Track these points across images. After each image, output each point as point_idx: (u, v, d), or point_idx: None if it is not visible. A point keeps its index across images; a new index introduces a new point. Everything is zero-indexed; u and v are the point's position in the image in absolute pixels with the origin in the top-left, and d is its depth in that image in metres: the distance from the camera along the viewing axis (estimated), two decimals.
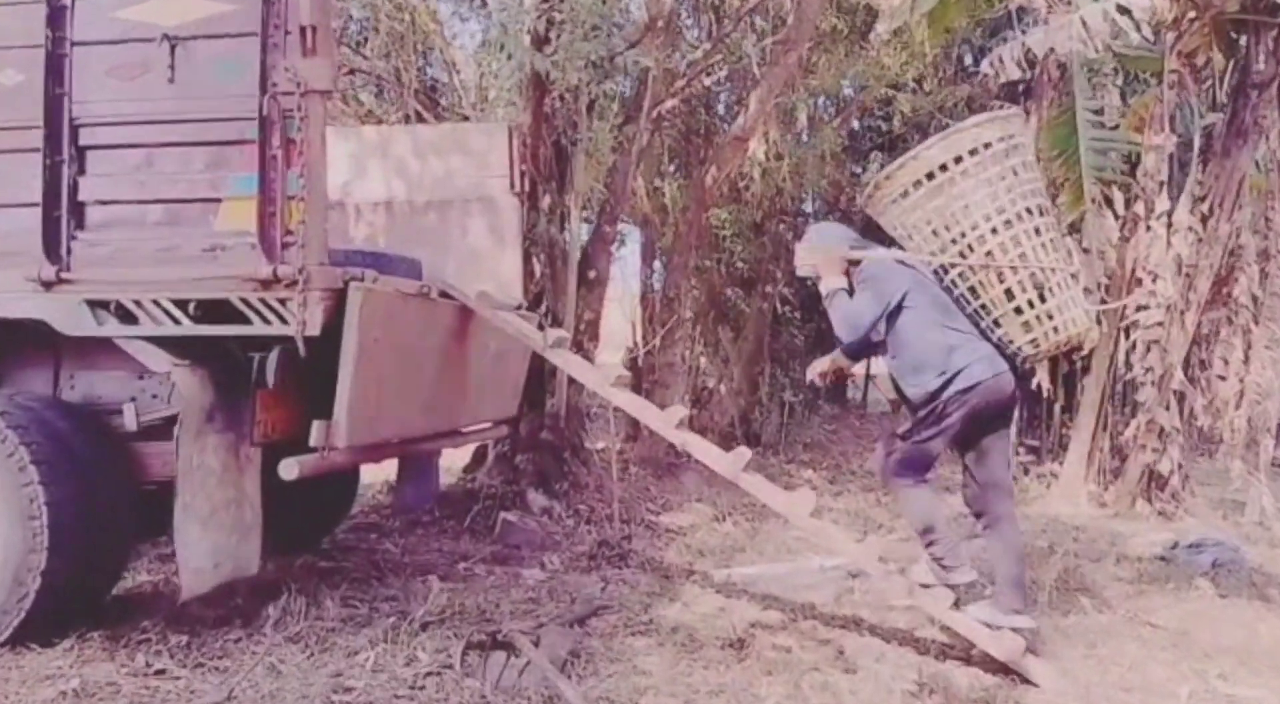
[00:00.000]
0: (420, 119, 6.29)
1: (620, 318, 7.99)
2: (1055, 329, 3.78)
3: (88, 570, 3.35)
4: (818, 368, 4.31)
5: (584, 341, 6.08)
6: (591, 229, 6.22)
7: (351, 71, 6.21)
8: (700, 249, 7.47)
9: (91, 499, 3.35)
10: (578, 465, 6.22)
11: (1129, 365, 7.54)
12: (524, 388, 5.23)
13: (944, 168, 3.78)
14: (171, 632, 3.51)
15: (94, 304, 3.26)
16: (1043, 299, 3.75)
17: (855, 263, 3.98)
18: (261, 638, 3.54)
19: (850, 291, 3.95)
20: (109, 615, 3.58)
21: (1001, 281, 3.75)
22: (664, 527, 6.21)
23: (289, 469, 3.18)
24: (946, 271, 3.87)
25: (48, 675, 3.10)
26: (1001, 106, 8.81)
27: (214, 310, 3.23)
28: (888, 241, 4.10)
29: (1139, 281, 7.35)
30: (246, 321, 3.19)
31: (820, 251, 4.02)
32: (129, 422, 3.58)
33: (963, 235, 3.78)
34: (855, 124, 9.34)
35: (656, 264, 7.84)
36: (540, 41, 5.00)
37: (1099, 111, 7.60)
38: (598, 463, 6.54)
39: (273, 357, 3.24)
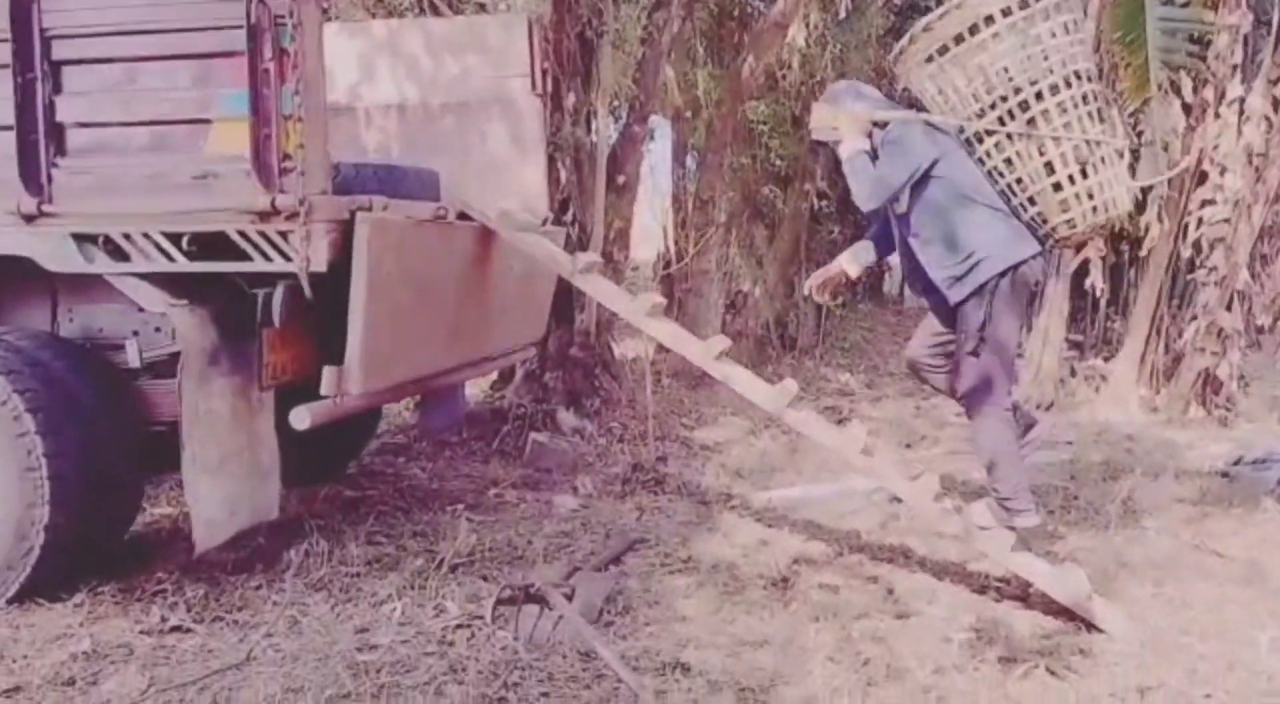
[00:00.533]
0: (434, 10, 5.84)
1: (650, 215, 7.64)
2: (1094, 210, 3.49)
3: (95, 521, 3.16)
4: (817, 278, 4.03)
5: (614, 252, 5.76)
6: (620, 129, 5.81)
7: None
8: (735, 146, 7.03)
9: (95, 445, 3.13)
10: (609, 381, 5.98)
11: (1192, 265, 7.16)
12: (552, 304, 4.95)
13: (990, 20, 3.41)
14: (188, 581, 3.35)
15: (81, 238, 2.98)
16: (1085, 175, 3.45)
17: (880, 125, 3.62)
18: (283, 586, 3.36)
19: (874, 157, 3.61)
20: (122, 564, 3.41)
21: (1042, 154, 3.45)
22: (699, 443, 6.00)
23: (300, 418, 2.94)
24: (981, 140, 3.54)
25: (57, 636, 2.94)
26: None
27: (211, 245, 2.94)
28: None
29: (1205, 175, 6.91)
30: (246, 257, 2.90)
31: (842, 111, 3.66)
32: (132, 358, 3.35)
33: (1003, 100, 3.45)
34: (901, 4, 8.68)
35: (689, 161, 7.41)
36: None
37: None
38: (630, 377, 6.30)
39: (278, 293, 2.96)
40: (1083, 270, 7.76)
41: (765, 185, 7.82)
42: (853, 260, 3.99)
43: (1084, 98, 3.48)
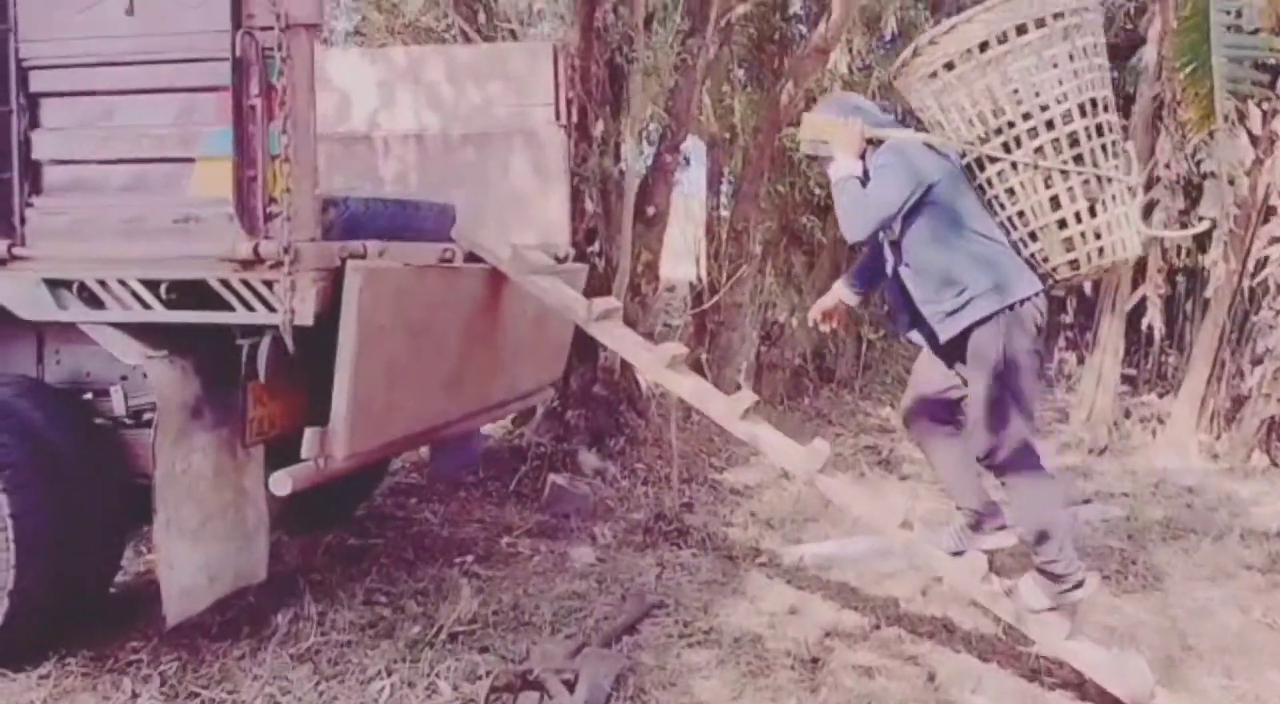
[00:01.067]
0: (463, 35, 5.64)
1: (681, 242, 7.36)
2: (1101, 251, 3.20)
3: (68, 585, 2.93)
4: (818, 309, 3.75)
5: (641, 285, 5.49)
6: (650, 159, 5.56)
7: None
8: (773, 173, 6.75)
9: (71, 503, 2.91)
10: (634, 418, 5.70)
11: (1255, 302, 6.76)
12: (575, 339, 4.69)
13: (1003, 39, 3.12)
14: (166, 649, 3.11)
15: (54, 284, 2.76)
16: (1093, 213, 3.16)
17: (875, 143, 3.33)
18: (266, 656, 3.12)
19: (865, 181, 3.30)
20: (96, 627, 3.18)
21: (1048, 186, 3.16)
22: (728, 487, 5.70)
23: (279, 484, 2.70)
24: (983, 167, 3.24)
25: None
26: (1128, 14, 7.84)
27: (191, 292, 2.72)
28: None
29: (1273, 210, 6.51)
30: (228, 307, 2.67)
31: (834, 124, 3.36)
32: (117, 406, 3.13)
33: (1010, 125, 3.17)
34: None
35: (724, 188, 7.14)
36: None
37: (1236, 13, 6.59)
38: (656, 414, 6.02)
39: (264, 345, 2.73)
40: (1139, 308, 7.41)
41: (804, 214, 7.52)
42: (845, 288, 3.72)
43: (1098, 129, 3.19)
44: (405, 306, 2.88)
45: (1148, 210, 7.21)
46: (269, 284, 2.61)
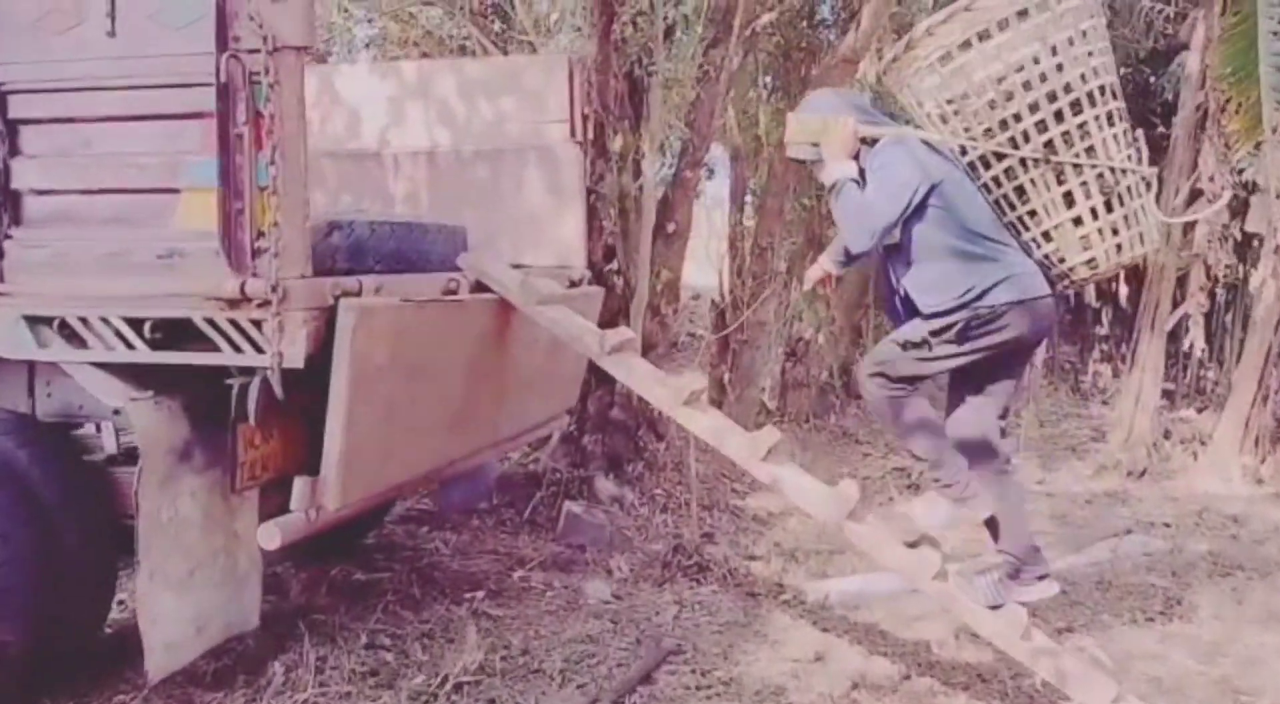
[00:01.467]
0: (480, 47, 5.48)
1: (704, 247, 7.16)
2: (1119, 247, 3.04)
3: (52, 635, 2.78)
4: (812, 277, 3.55)
5: (661, 305, 5.30)
6: (670, 174, 5.37)
7: None
8: (799, 187, 6.54)
9: (56, 549, 2.76)
10: (653, 442, 5.51)
11: None
12: (589, 365, 4.51)
13: (1003, 25, 2.94)
14: (157, 698, 2.96)
15: (34, 321, 2.61)
16: (1109, 208, 2.99)
17: (869, 142, 3.11)
18: None
19: (863, 183, 3.09)
20: (81, 674, 3.03)
21: (1061, 182, 2.98)
22: (750, 514, 5.51)
23: (268, 537, 2.53)
24: (988, 165, 3.05)
25: None
26: (1168, 19, 7.57)
27: (177, 331, 2.56)
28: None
29: None
30: (215, 347, 2.51)
31: (823, 125, 3.13)
32: (108, 443, 2.98)
33: (1016, 119, 2.97)
34: None
35: (748, 202, 6.94)
36: None
37: None
38: (676, 437, 5.82)
39: (253, 387, 2.56)
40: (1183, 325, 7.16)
41: (829, 228, 7.31)
42: (830, 260, 3.49)
43: (1109, 117, 3.00)
44: (404, 345, 2.71)
45: (1188, 228, 6.96)
46: (257, 324, 2.44)
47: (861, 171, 3.12)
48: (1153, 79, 9.23)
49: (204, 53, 2.37)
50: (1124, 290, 10.51)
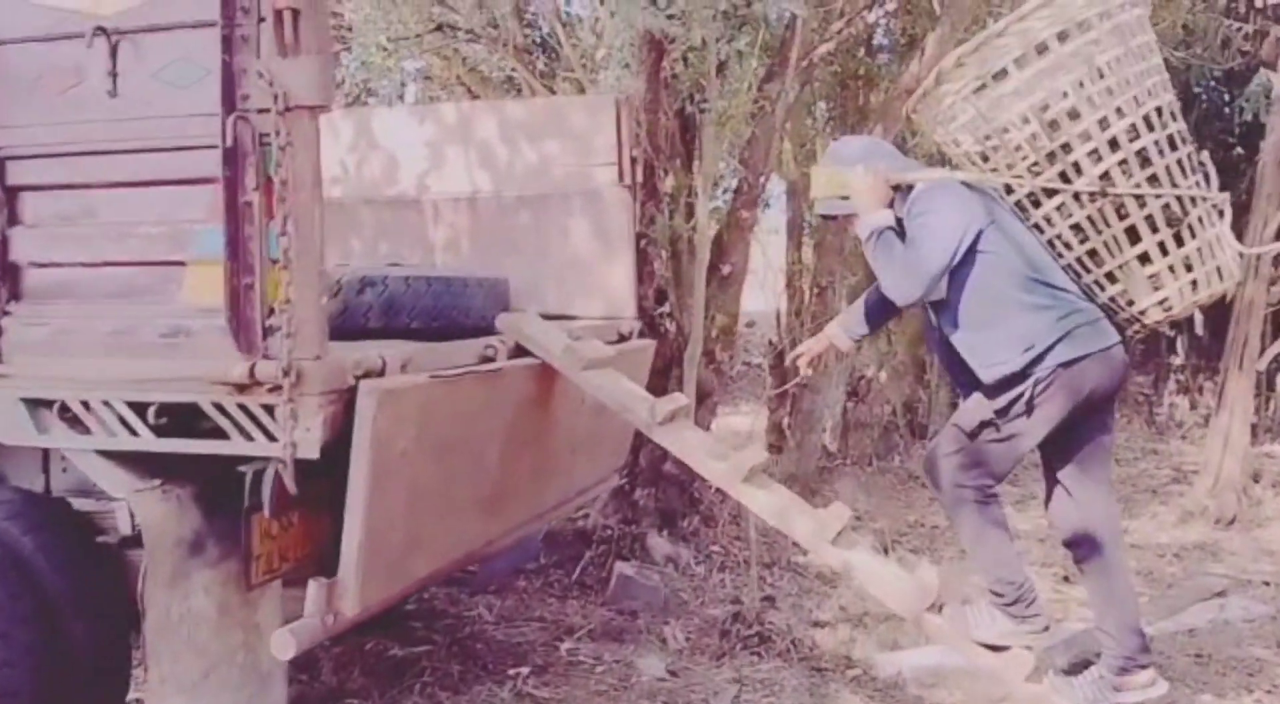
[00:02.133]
0: (527, 85, 5.27)
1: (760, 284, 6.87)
2: (1195, 284, 2.73)
3: None
4: (805, 355, 3.28)
5: (716, 351, 5.02)
6: (724, 215, 5.10)
7: (439, 27, 5.21)
8: None
9: (61, 647, 2.55)
10: (709, 494, 5.21)
11: None
12: None
13: (1043, 50, 2.65)
14: None
15: (34, 404, 2.41)
16: (1180, 242, 2.67)
17: (903, 189, 2.84)
18: None
19: (901, 232, 2.81)
20: None
21: (1122, 217, 2.68)
22: (813, 571, 5.17)
23: (282, 645, 2.27)
24: (1038, 203, 2.75)
25: None
26: (1246, 37, 7.16)
27: (185, 415, 2.33)
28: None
29: None
30: (225, 434, 2.28)
31: (852, 175, 2.87)
32: (122, 524, 2.76)
33: (1065, 150, 2.68)
34: None
35: (805, 239, 6.64)
36: None
37: None
38: None
39: (268, 475, 2.33)
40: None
41: None
42: (843, 333, 3.22)
43: (1170, 142, 2.69)
44: (433, 426, 2.46)
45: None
46: (269, 410, 2.21)
47: (899, 221, 2.86)
48: (1230, 99, 8.83)
49: (210, 113, 2.16)
50: (1200, 317, 10.08)
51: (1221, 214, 2.79)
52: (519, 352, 3.07)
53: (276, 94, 2.09)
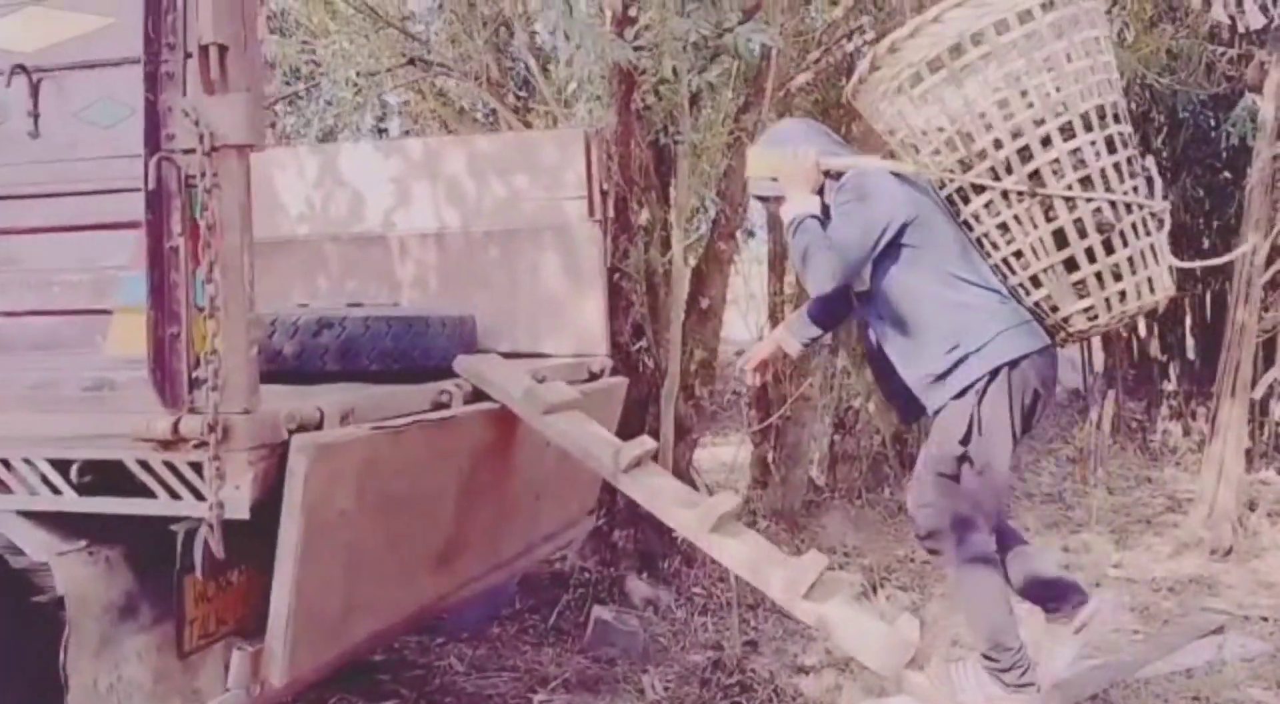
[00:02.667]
0: (506, 119, 5.18)
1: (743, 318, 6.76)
2: (1123, 295, 2.62)
3: None
4: (753, 360, 3.18)
5: (695, 386, 4.90)
6: (702, 248, 5.00)
7: (411, 61, 5.12)
8: None
9: None
10: None
11: None
12: None
13: (978, 40, 2.55)
14: None
15: None
16: (1110, 249, 2.57)
17: (834, 176, 2.75)
18: None
19: (824, 219, 2.71)
20: None
21: (1050, 219, 2.58)
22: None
23: None
24: (967, 199, 2.66)
25: None
26: (1230, 62, 7.12)
27: (112, 473, 2.20)
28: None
29: None
30: (151, 492, 2.15)
31: (782, 157, 2.78)
32: (59, 585, 2.61)
33: (998, 146, 2.58)
34: None
35: (787, 272, 6.52)
36: (622, 21, 3.77)
37: None
38: None
39: (199, 535, 2.19)
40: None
41: None
42: (790, 337, 3.12)
43: (1109, 143, 2.59)
44: (376, 481, 2.33)
45: (1271, 287, 6.42)
46: (196, 467, 2.07)
47: (826, 209, 2.76)
48: (1216, 124, 8.78)
49: (134, 155, 2.04)
50: (1192, 342, 9.99)
51: (1161, 223, 2.70)
52: (479, 395, 2.94)
53: (202, 133, 1.98)
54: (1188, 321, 10.03)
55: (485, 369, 2.93)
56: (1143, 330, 10.25)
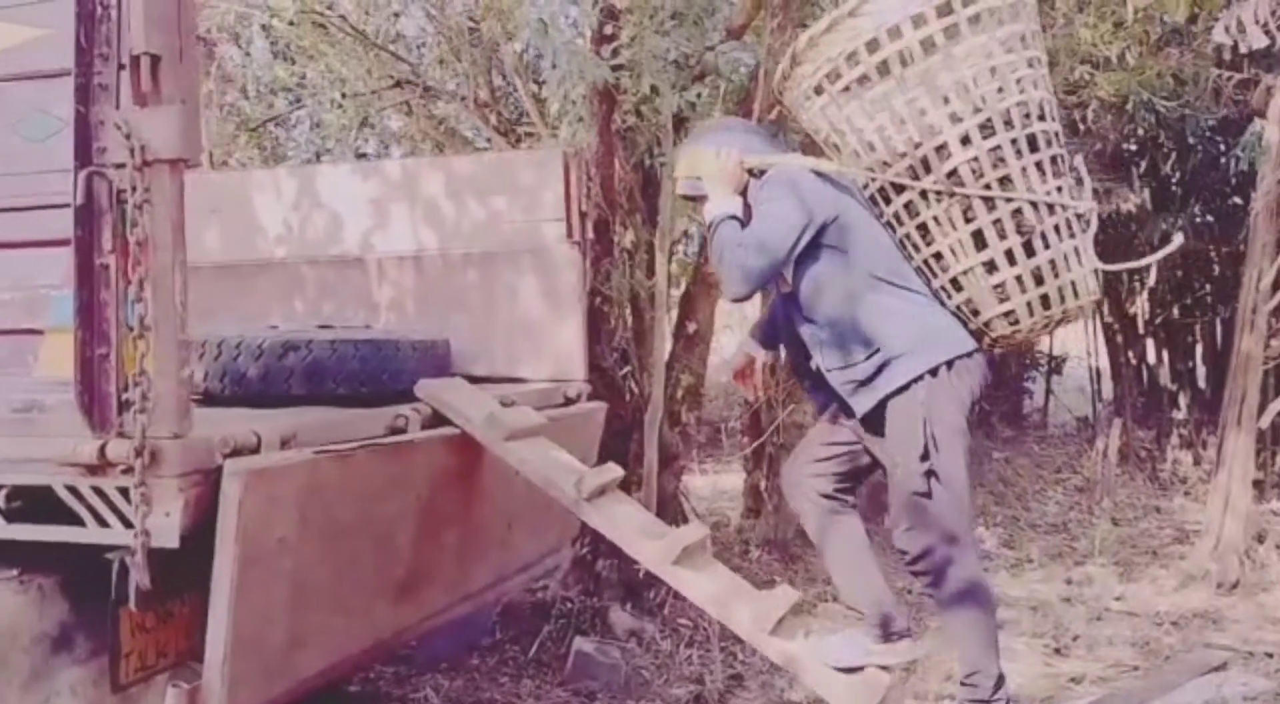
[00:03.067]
0: (515, 142, 5.14)
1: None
2: (1046, 300, 2.54)
3: None
4: (732, 368, 3.14)
5: (681, 413, 4.80)
6: (690, 270, 4.92)
7: (398, 83, 5.09)
8: None
9: None
10: None
11: None
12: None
13: (896, 34, 2.49)
14: None
15: None
16: (1031, 252, 2.50)
17: (757, 174, 2.68)
18: None
19: (746, 220, 2.65)
20: None
21: (969, 220, 2.51)
22: None
23: None
24: (889, 200, 2.59)
25: None
26: (1232, 84, 7.03)
27: (47, 499, 2.12)
28: None
29: None
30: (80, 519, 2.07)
31: (704, 156, 2.72)
32: None
33: (916, 146, 2.52)
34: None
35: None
36: (600, 39, 3.71)
37: None
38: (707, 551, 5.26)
39: (137, 561, 2.10)
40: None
41: None
42: (754, 342, 3.07)
43: (1031, 142, 2.51)
44: (322, 508, 2.24)
45: (1277, 315, 6.29)
46: (126, 493, 1.99)
47: (751, 210, 2.70)
48: (1225, 149, 8.69)
49: (66, 169, 1.98)
50: (1202, 371, 9.83)
51: (1086, 225, 2.61)
52: (442, 420, 2.86)
53: (134, 147, 1.91)
54: (1199, 350, 9.91)
55: (446, 393, 2.85)
56: (1152, 357, 10.14)
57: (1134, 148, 8.71)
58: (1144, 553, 6.96)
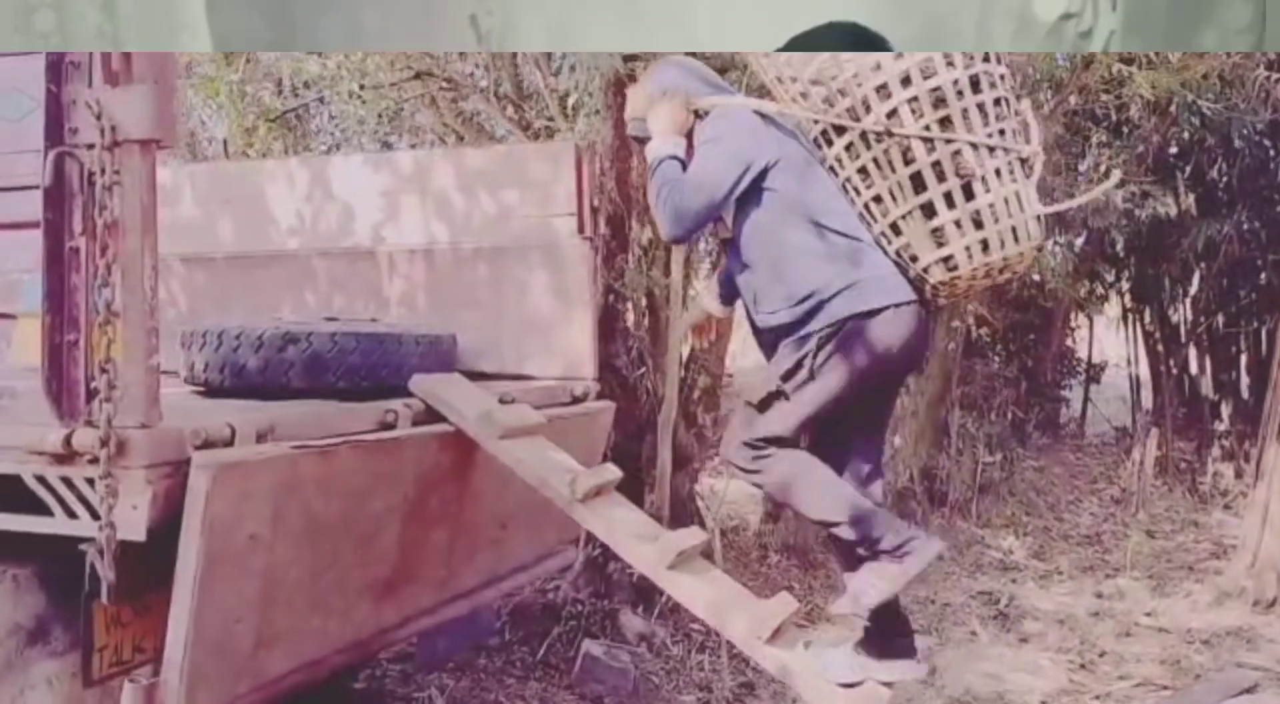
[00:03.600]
0: (536, 134, 5.07)
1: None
2: (985, 244, 2.41)
3: None
4: (689, 322, 3.14)
5: (698, 414, 4.71)
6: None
7: (418, 75, 5.04)
8: None
9: None
10: None
11: None
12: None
13: None
14: None
15: None
16: (970, 195, 2.37)
17: (702, 115, 2.58)
18: None
19: (684, 161, 2.55)
20: None
21: (908, 162, 2.38)
22: None
23: None
24: (830, 141, 2.46)
25: None
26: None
27: (13, 488, 2.08)
28: None
29: None
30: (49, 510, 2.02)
31: (649, 97, 2.63)
32: None
33: (858, 84, 2.39)
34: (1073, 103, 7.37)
35: None
36: None
37: None
38: (729, 554, 5.17)
39: (98, 556, 2.05)
40: None
41: None
42: (709, 297, 2.95)
43: (974, 83, 2.39)
44: (298, 503, 2.17)
45: None
46: (94, 483, 1.94)
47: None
48: (1274, 154, 8.43)
49: (38, 150, 1.93)
50: (1246, 381, 9.56)
51: (1029, 168, 2.50)
52: (436, 416, 2.79)
53: (104, 127, 1.85)
54: (1243, 359, 9.64)
55: (441, 389, 2.78)
56: (1194, 367, 9.88)
57: (1177, 150, 8.47)
58: (1179, 567, 6.76)
